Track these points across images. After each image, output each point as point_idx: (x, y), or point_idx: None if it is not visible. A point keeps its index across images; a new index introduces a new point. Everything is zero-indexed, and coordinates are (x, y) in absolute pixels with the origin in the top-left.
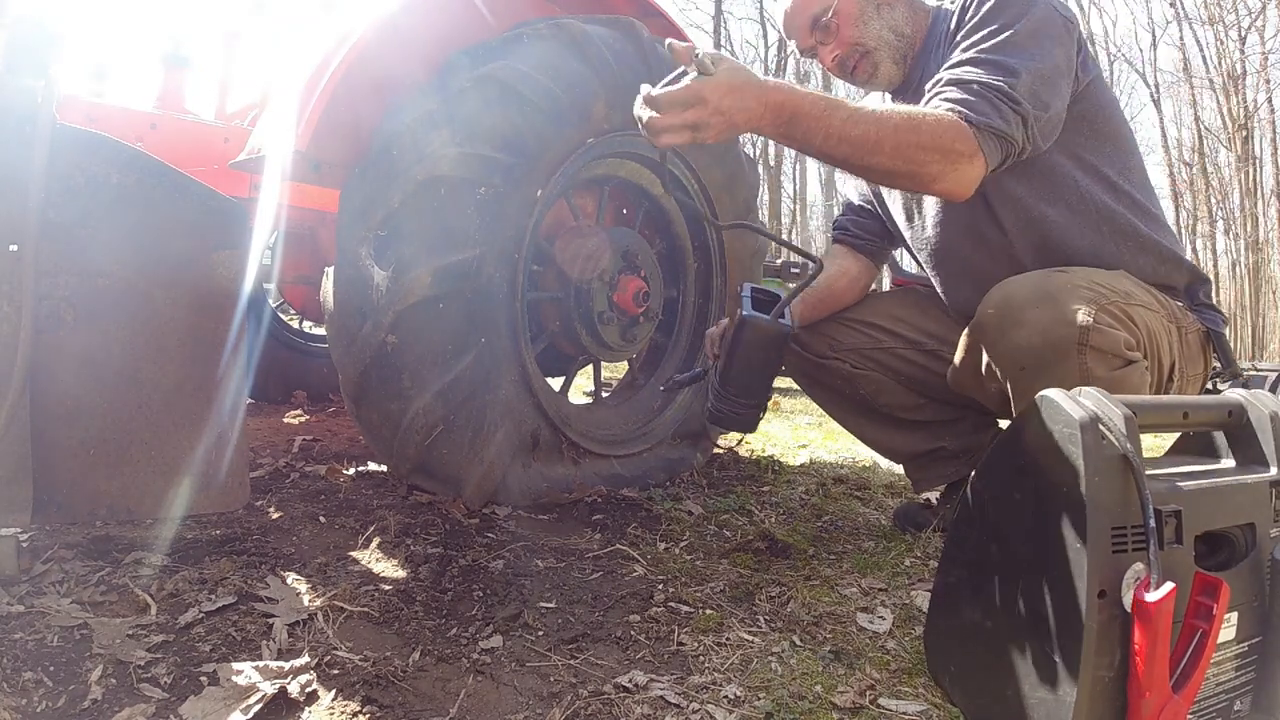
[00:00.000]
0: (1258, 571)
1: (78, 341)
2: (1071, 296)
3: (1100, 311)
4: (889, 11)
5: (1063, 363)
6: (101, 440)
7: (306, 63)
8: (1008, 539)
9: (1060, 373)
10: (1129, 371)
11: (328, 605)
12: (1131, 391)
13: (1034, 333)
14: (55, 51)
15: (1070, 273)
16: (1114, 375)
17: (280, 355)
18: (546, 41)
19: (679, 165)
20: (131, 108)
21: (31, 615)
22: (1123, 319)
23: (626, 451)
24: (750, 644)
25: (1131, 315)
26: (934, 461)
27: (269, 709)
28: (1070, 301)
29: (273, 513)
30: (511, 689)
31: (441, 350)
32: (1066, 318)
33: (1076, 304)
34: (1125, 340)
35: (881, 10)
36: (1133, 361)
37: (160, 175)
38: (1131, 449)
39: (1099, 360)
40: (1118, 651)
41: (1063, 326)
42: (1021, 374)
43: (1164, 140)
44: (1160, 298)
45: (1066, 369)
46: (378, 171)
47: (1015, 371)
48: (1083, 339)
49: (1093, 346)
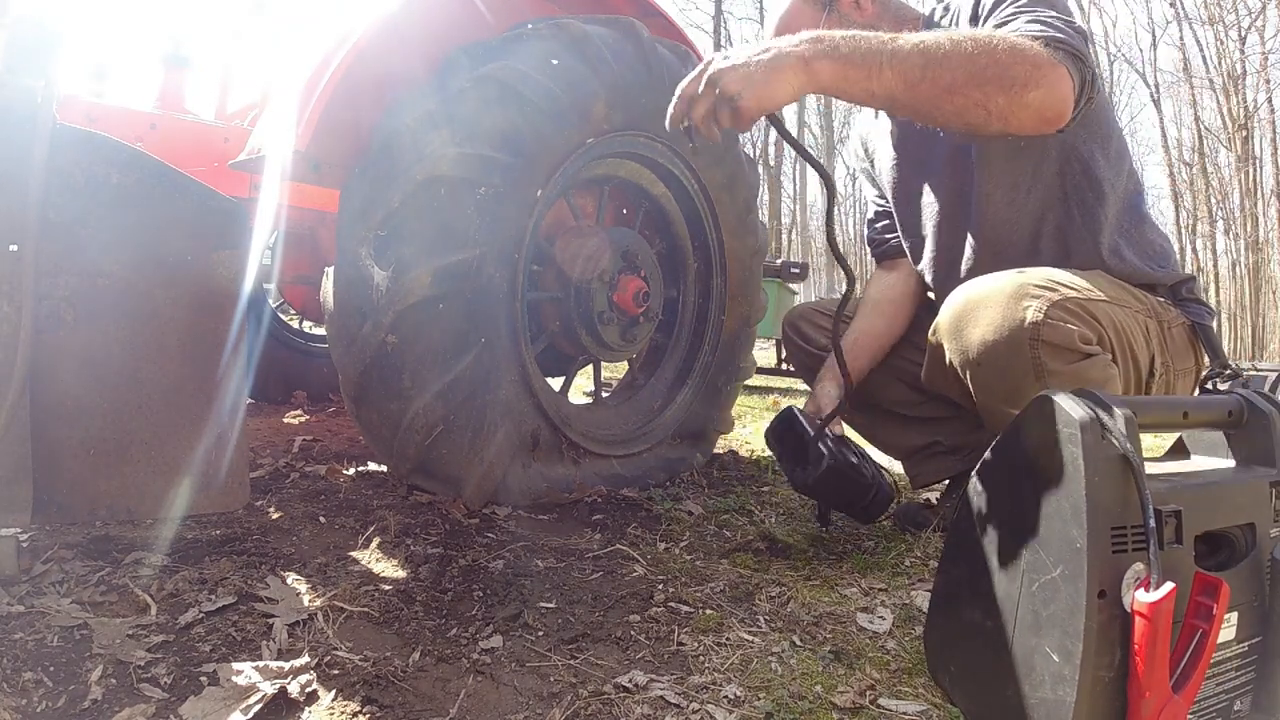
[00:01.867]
0: (1258, 571)
1: (78, 341)
2: (1024, 294)
3: (1053, 308)
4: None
5: (1014, 357)
6: (101, 440)
7: (306, 63)
8: (1007, 539)
9: (1013, 367)
10: (1087, 365)
11: (328, 605)
12: (1094, 384)
13: (986, 330)
14: (55, 51)
15: (1029, 272)
16: (1070, 369)
17: (280, 355)
18: (546, 41)
19: (678, 165)
20: (131, 108)
21: (31, 615)
22: (1079, 315)
23: (626, 451)
24: (750, 644)
25: (1092, 311)
26: (930, 457)
27: (269, 709)
28: (1022, 299)
29: (273, 513)
30: (511, 689)
31: (441, 350)
32: (1017, 315)
33: (1028, 301)
34: (1081, 334)
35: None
36: (1091, 355)
37: (160, 175)
38: (1131, 449)
39: (1052, 354)
40: (1118, 651)
41: (1013, 323)
42: (978, 370)
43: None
44: (1137, 294)
45: (1019, 364)
46: (378, 171)
47: (973, 368)
48: (1034, 334)
49: (1044, 340)
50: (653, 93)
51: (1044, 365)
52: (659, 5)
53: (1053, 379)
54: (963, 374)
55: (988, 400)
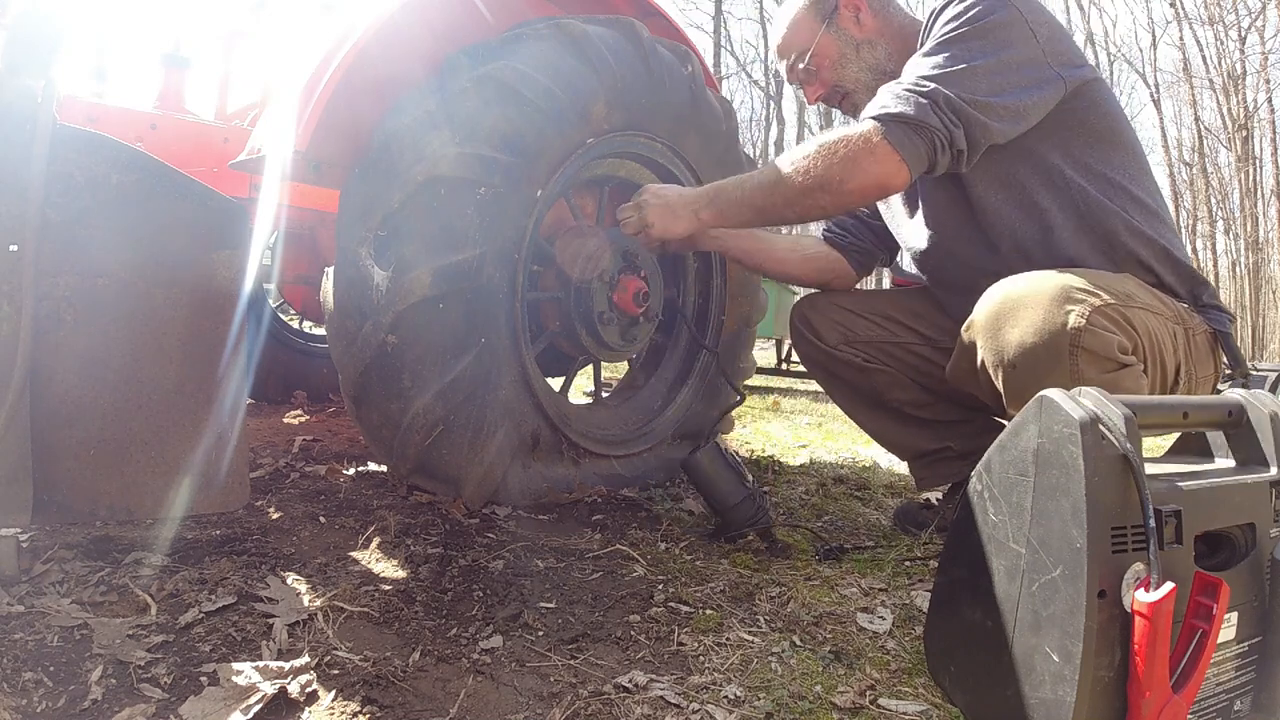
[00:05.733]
0: (1258, 571)
1: (78, 341)
2: (1067, 297)
3: (1095, 314)
4: (869, 51)
5: (1053, 363)
6: (101, 440)
7: (306, 63)
8: (1007, 539)
9: (1051, 373)
10: (1121, 375)
11: (328, 605)
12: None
13: (1026, 332)
14: (55, 51)
15: (1069, 274)
16: (1105, 378)
17: (280, 355)
18: (546, 41)
19: (678, 165)
20: (131, 108)
21: (31, 615)
22: (1119, 322)
23: (626, 451)
24: (750, 644)
25: (1130, 319)
26: (940, 461)
27: (269, 709)
28: (1065, 303)
29: (273, 513)
30: (511, 689)
31: (441, 350)
32: (1059, 319)
33: (1070, 305)
34: (1120, 344)
35: (862, 51)
36: (1126, 365)
37: (160, 175)
38: (1131, 449)
39: (1091, 362)
40: (1118, 651)
41: (1054, 327)
42: (1013, 372)
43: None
44: (1165, 300)
45: (1057, 370)
46: (378, 172)
47: (1007, 370)
48: (1075, 340)
49: (1084, 348)
50: (653, 93)
51: (1081, 373)
52: (659, 5)
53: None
54: (994, 374)
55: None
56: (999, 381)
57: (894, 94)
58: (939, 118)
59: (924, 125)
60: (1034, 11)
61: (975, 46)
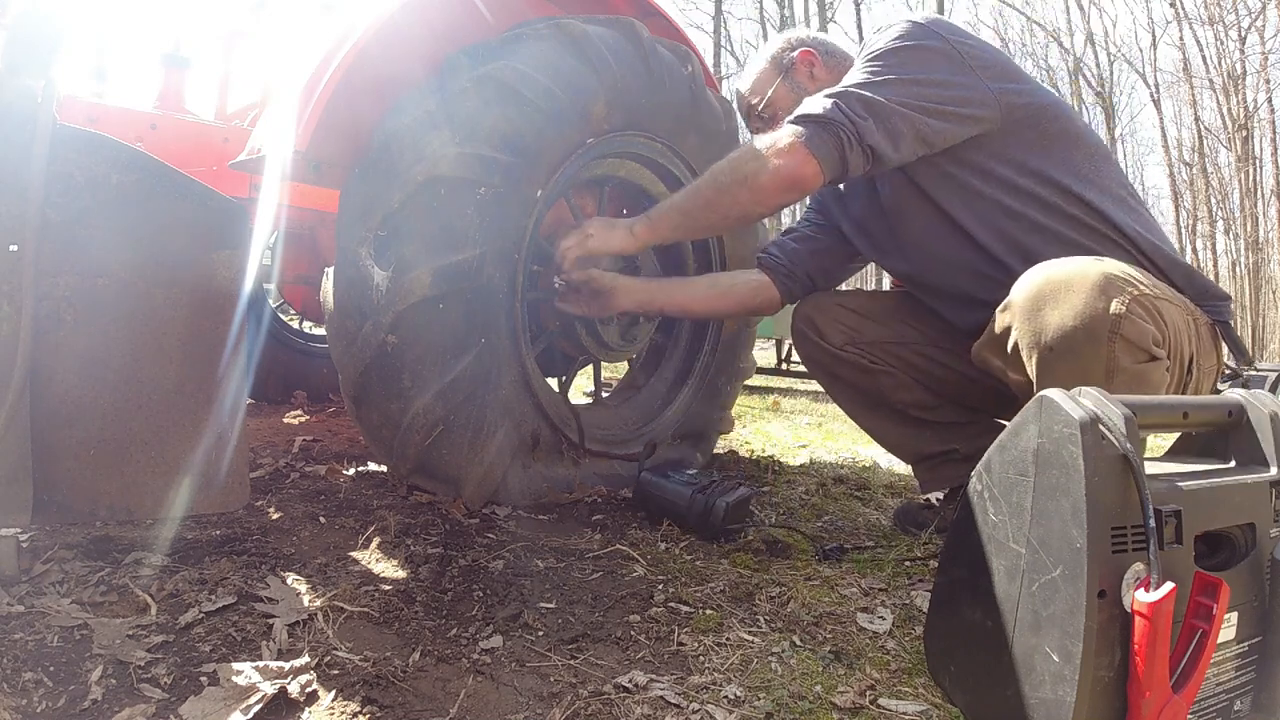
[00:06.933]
0: (1258, 571)
1: (78, 341)
2: (1109, 283)
3: (1133, 302)
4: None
5: (1091, 348)
6: (101, 440)
7: (306, 63)
8: (1007, 539)
9: (1087, 358)
10: (1152, 367)
11: (328, 605)
12: (1152, 389)
13: (1067, 314)
14: (55, 51)
15: (1108, 261)
16: (1138, 369)
17: (280, 355)
18: (546, 41)
19: (678, 165)
20: (131, 108)
21: (31, 615)
22: (1153, 313)
23: (627, 452)
24: (750, 644)
25: (1160, 310)
26: (944, 464)
27: (269, 709)
28: (1108, 289)
29: (273, 513)
30: (511, 689)
31: (441, 350)
32: (1101, 304)
33: (1114, 292)
34: (1154, 335)
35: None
36: (1157, 358)
37: (160, 175)
38: (1131, 449)
39: (1126, 351)
40: (1118, 651)
41: (1096, 312)
42: (1049, 354)
43: (1164, 140)
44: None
45: (1094, 356)
46: (378, 172)
47: (1043, 352)
48: (1114, 327)
49: (1123, 336)
50: (653, 93)
51: (1116, 361)
52: (659, 5)
53: (1119, 376)
54: (1028, 355)
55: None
56: (1032, 364)
57: (812, 100)
58: (845, 114)
59: (831, 121)
60: (962, 40)
61: (893, 61)
